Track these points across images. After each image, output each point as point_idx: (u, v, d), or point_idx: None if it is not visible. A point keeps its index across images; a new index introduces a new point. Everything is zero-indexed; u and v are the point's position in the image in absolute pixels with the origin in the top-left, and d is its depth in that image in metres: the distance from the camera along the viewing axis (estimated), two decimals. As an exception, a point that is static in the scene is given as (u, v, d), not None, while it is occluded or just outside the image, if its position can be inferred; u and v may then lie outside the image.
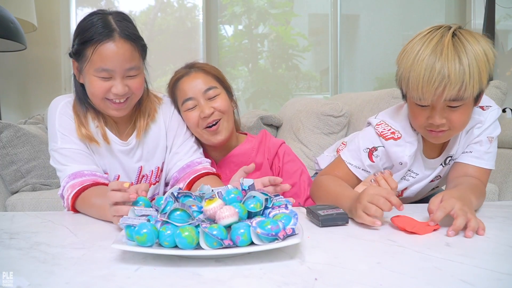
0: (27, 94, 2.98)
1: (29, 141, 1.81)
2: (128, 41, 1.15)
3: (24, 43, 2.40)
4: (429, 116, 1.07)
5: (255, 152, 1.48)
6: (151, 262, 0.71)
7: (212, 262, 0.70)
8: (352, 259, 0.72)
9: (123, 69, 1.14)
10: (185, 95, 1.36)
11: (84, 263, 0.71)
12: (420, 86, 1.01)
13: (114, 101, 1.17)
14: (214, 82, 1.40)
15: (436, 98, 1.02)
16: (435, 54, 1.00)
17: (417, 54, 1.02)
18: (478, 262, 0.70)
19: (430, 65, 0.99)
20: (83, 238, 0.88)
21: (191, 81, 1.37)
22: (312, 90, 3.76)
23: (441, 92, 1.00)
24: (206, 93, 1.36)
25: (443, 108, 1.05)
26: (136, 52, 1.17)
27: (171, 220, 0.73)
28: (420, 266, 0.68)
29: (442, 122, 1.06)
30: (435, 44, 1.01)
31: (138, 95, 1.23)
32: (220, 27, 3.53)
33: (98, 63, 1.13)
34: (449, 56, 0.99)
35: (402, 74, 1.06)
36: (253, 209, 0.78)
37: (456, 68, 0.98)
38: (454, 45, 1.00)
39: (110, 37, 1.12)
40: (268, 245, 0.68)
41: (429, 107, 1.06)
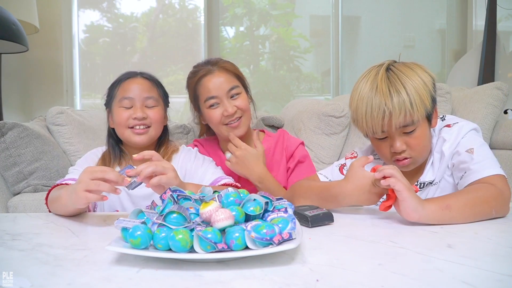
0: (29, 96, 2.98)
1: (32, 142, 1.81)
2: (147, 80, 1.38)
3: (26, 44, 2.41)
4: (390, 146, 1.13)
5: (272, 153, 1.51)
6: (153, 263, 0.71)
7: (214, 264, 0.70)
8: (353, 261, 0.72)
9: (142, 97, 1.34)
10: (208, 93, 1.42)
11: (86, 265, 0.72)
12: (367, 122, 1.10)
13: (136, 128, 1.33)
14: (236, 81, 1.46)
15: (387, 128, 1.09)
16: (372, 90, 1.09)
17: (359, 94, 1.13)
18: (480, 264, 0.70)
19: (370, 101, 1.09)
20: (85, 240, 0.89)
21: (214, 79, 1.43)
22: (314, 92, 3.76)
23: (388, 122, 1.08)
24: (229, 92, 1.42)
25: (400, 135, 1.11)
26: (155, 88, 1.39)
27: (167, 222, 0.73)
28: (421, 268, 0.68)
29: (403, 148, 1.11)
30: (371, 81, 1.11)
31: (157, 127, 1.36)
32: (222, 28, 3.53)
33: (121, 94, 1.34)
34: (384, 89, 1.08)
35: (352, 115, 1.17)
36: (252, 212, 0.77)
37: (394, 100, 1.06)
38: (389, 79, 1.10)
39: (133, 76, 1.38)
40: (262, 250, 0.67)
41: (388, 138, 1.13)
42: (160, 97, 1.40)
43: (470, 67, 3.14)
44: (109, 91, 1.40)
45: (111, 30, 3.39)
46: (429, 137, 1.16)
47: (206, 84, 1.43)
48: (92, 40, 3.35)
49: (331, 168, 1.34)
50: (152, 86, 1.38)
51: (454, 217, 0.94)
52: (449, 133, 1.16)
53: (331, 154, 2.17)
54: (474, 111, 1.99)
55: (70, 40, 3.11)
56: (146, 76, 1.40)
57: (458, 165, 1.11)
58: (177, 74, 3.43)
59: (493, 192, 0.99)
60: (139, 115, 1.31)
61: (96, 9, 3.32)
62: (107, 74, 3.34)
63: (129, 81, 1.36)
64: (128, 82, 1.36)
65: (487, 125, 1.93)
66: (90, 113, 2.25)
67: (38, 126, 1.97)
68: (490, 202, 0.98)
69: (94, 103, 3.23)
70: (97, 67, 3.36)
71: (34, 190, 1.84)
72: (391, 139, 1.12)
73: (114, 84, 1.39)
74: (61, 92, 3.02)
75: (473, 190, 1.01)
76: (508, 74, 3.02)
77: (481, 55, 3.06)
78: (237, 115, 1.43)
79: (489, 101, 1.96)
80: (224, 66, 1.46)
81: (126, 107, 1.33)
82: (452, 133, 1.15)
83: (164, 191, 0.85)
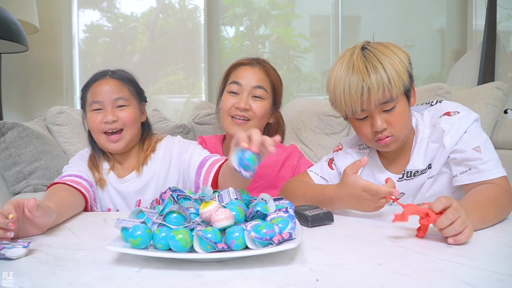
0: (29, 96, 2.98)
1: (31, 142, 1.81)
2: (116, 79, 1.33)
3: (26, 44, 2.40)
4: (371, 125, 1.12)
5: (280, 166, 1.47)
6: (153, 263, 0.71)
7: (214, 264, 0.70)
8: (353, 260, 0.72)
9: (111, 99, 1.30)
10: (237, 77, 1.42)
11: (86, 264, 0.72)
12: (346, 101, 1.09)
13: (109, 133, 1.30)
14: (267, 85, 1.43)
15: (366, 106, 1.08)
16: (349, 69, 1.09)
17: (335, 75, 1.12)
18: (480, 263, 0.70)
19: (348, 80, 1.08)
20: (85, 239, 0.89)
21: (249, 72, 1.42)
22: (314, 91, 3.76)
23: (367, 99, 1.07)
24: (253, 90, 1.40)
25: (380, 113, 1.10)
26: (125, 87, 1.33)
27: (167, 222, 0.73)
28: (421, 267, 0.69)
29: (384, 126, 1.10)
30: (347, 62, 1.10)
31: (130, 127, 1.32)
32: (222, 28, 3.53)
33: (91, 97, 1.31)
34: (361, 67, 1.07)
35: (330, 98, 1.16)
36: (265, 211, 0.78)
37: (372, 76, 1.05)
38: (365, 57, 1.09)
39: (101, 77, 1.34)
40: (262, 250, 0.68)
41: (368, 118, 1.12)
42: (132, 95, 1.35)
43: (470, 67, 3.14)
44: (82, 94, 1.37)
45: (111, 30, 3.38)
46: (408, 114, 1.15)
47: (240, 70, 1.43)
48: (92, 40, 3.35)
49: (320, 163, 1.33)
50: (121, 86, 1.33)
51: (483, 227, 0.92)
52: (449, 123, 1.12)
53: (331, 154, 2.17)
54: (474, 110, 1.98)
55: (70, 40, 3.11)
56: (116, 76, 1.35)
57: (462, 161, 1.09)
58: (177, 74, 3.42)
59: (508, 198, 1.02)
60: (109, 119, 1.28)
61: (96, 8, 3.32)
62: None
63: (97, 84, 1.32)
64: (96, 85, 1.32)
65: (487, 125, 1.93)
66: (90, 113, 2.24)
67: (38, 126, 1.96)
68: (507, 208, 1.01)
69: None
70: (97, 67, 3.25)
71: (34, 190, 1.83)
72: (372, 117, 1.11)
73: (84, 87, 1.36)
74: (61, 92, 3.02)
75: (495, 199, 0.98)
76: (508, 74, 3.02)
77: (481, 55, 3.06)
78: (246, 114, 1.39)
79: (489, 101, 1.96)
80: (266, 68, 1.45)
81: (96, 110, 1.30)
82: (453, 124, 1.12)
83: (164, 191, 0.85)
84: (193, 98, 3.41)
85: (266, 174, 1.44)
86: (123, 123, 1.30)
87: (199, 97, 3.39)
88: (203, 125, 2.25)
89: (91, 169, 1.34)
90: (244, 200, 0.84)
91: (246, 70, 1.42)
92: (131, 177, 1.34)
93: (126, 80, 1.36)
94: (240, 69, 1.43)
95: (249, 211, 0.79)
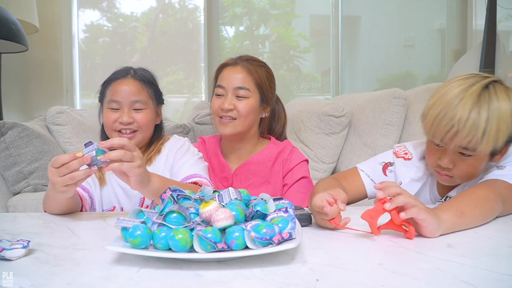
0: (29, 96, 2.98)
1: (31, 142, 1.81)
2: (137, 81, 1.34)
3: (26, 44, 2.40)
4: (439, 157, 1.07)
5: (272, 162, 1.48)
6: (153, 263, 0.71)
7: (214, 264, 0.70)
8: (353, 260, 0.72)
9: (129, 101, 1.31)
10: (221, 81, 1.44)
11: (86, 264, 0.72)
12: (433, 125, 1.03)
13: (122, 132, 1.32)
14: (251, 84, 1.43)
15: (447, 141, 1.02)
16: (456, 99, 1.00)
17: (443, 95, 1.03)
18: (479, 263, 0.70)
19: (447, 108, 1.00)
20: (85, 239, 0.89)
21: (231, 73, 1.44)
22: (314, 91, 3.75)
23: (452, 136, 1.00)
24: (236, 90, 1.42)
25: (455, 153, 1.04)
26: (144, 90, 1.35)
27: (167, 222, 0.73)
28: (421, 267, 0.69)
29: (449, 166, 1.05)
30: (462, 90, 1.01)
31: (145, 130, 1.34)
32: (221, 28, 3.53)
33: (110, 95, 1.32)
34: (467, 105, 0.98)
35: (424, 109, 1.08)
36: (264, 210, 0.78)
37: (470, 119, 0.97)
38: (480, 96, 0.99)
39: (124, 76, 1.35)
40: (262, 250, 0.67)
41: (442, 148, 1.06)
42: (150, 98, 1.36)
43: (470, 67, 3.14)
44: (102, 88, 1.39)
45: (111, 29, 3.39)
46: (480, 169, 1.08)
47: (223, 72, 1.45)
48: (92, 40, 3.35)
49: (373, 164, 1.26)
50: (141, 88, 1.34)
51: (468, 223, 0.91)
52: None
53: (331, 154, 2.17)
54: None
55: (70, 39, 3.11)
56: (138, 76, 1.36)
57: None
58: (177, 74, 3.42)
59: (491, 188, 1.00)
60: (125, 120, 1.29)
61: (96, 8, 3.32)
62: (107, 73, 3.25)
63: (118, 82, 1.33)
64: (117, 84, 1.33)
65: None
66: (90, 113, 2.25)
67: (38, 125, 1.97)
68: (492, 199, 0.97)
69: (94, 102, 3.21)
70: (97, 67, 3.36)
71: (34, 190, 1.84)
72: (445, 152, 1.06)
73: (105, 83, 1.38)
74: (61, 92, 3.02)
75: (474, 192, 0.98)
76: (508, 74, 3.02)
77: (481, 55, 3.06)
78: (232, 114, 1.41)
79: (489, 100, 1.96)
80: (249, 67, 1.45)
81: (113, 108, 1.32)
82: None
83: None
84: (193, 98, 3.41)
85: (259, 170, 1.46)
86: (138, 125, 1.32)
87: (199, 97, 3.39)
88: (203, 125, 2.25)
89: None
90: (244, 200, 0.84)
91: (229, 72, 1.44)
92: None
93: (147, 82, 1.37)
94: (224, 71, 1.46)
95: (249, 211, 0.79)
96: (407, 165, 1.22)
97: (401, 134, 2.12)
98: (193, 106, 2.77)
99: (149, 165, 1.35)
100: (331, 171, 2.23)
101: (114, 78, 1.36)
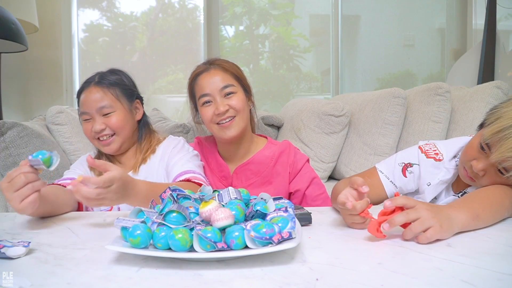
0: (29, 95, 2.98)
1: (31, 142, 1.81)
2: (99, 87, 1.35)
3: (26, 44, 2.40)
4: (476, 159, 1.03)
5: (274, 162, 1.47)
6: (152, 263, 0.71)
7: (214, 263, 0.70)
8: (353, 260, 0.72)
9: (95, 109, 1.33)
10: (202, 90, 1.40)
11: (86, 264, 0.72)
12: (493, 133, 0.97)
13: (101, 139, 1.34)
14: (232, 80, 1.42)
15: (492, 143, 0.97)
16: None
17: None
18: (479, 263, 0.70)
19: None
20: (85, 239, 0.89)
21: (209, 77, 1.40)
22: (313, 91, 3.75)
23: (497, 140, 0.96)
24: (222, 91, 1.39)
25: (493, 166, 1.00)
26: (108, 94, 1.35)
27: (167, 221, 0.73)
28: (421, 267, 0.69)
29: (480, 174, 1.03)
30: None
31: (121, 131, 1.35)
32: (221, 28, 3.53)
33: (80, 108, 1.36)
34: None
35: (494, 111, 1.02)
36: (264, 210, 0.78)
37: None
38: None
39: (87, 86, 1.36)
40: (262, 249, 0.67)
41: (485, 154, 1.01)
42: (116, 99, 1.35)
43: (469, 66, 3.14)
44: (77, 101, 1.41)
45: (111, 29, 3.39)
46: None
47: (200, 82, 1.41)
48: (92, 40, 3.35)
49: (393, 164, 1.23)
50: (104, 93, 1.34)
51: (478, 225, 0.90)
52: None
53: (331, 153, 2.17)
54: (473, 109, 1.99)
55: (69, 39, 3.11)
56: (100, 83, 1.36)
57: None
58: (177, 74, 3.43)
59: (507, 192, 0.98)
60: (96, 128, 1.32)
61: (96, 8, 3.32)
62: None
63: (84, 93, 1.35)
64: (83, 95, 1.35)
65: (487, 124, 1.93)
66: (90, 113, 2.24)
67: (38, 125, 1.96)
68: (506, 204, 0.97)
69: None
70: (96, 66, 3.28)
71: (34, 190, 1.83)
72: (483, 158, 1.02)
73: (77, 96, 1.40)
74: (61, 92, 3.02)
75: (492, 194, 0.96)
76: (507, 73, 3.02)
77: (480, 54, 3.06)
78: (229, 114, 1.38)
79: (489, 100, 1.96)
80: (221, 64, 1.44)
81: (86, 119, 1.35)
82: None
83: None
84: (193, 98, 3.39)
85: (260, 170, 1.45)
86: (112, 129, 1.34)
87: (198, 96, 3.37)
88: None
89: (93, 170, 1.37)
90: (244, 200, 0.84)
91: (206, 78, 1.41)
92: None
93: (110, 85, 1.36)
94: (200, 79, 1.42)
95: (249, 210, 0.79)
96: (437, 166, 1.18)
97: (401, 134, 2.12)
98: (193, 105, 2.76)
99: (144, 164, 1.36)
100: (331, 171, 2.23)
101: (80, 90, 1.38)
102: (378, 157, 2.08)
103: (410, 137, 2.08)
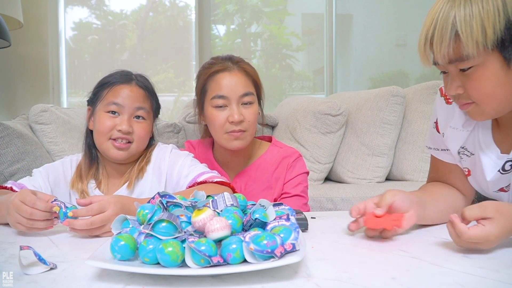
0: (13, 93, 2.89)
1: (12, 142, 1.72)
2: (142, 89, 1.24)
3: (9, 40, 2.31)
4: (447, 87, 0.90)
5: (274, 167, 1.38)
6: (139, 279, 0.63)
7: (208, 280, 0.63)
8: (363, 274, 0.65)
9: (133, 107, 1.21)
10: (219, 90, 1.28)
11: (64, 281, 0.63)
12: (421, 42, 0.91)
13: (117, 142, 1.19)
14: (252, 87, 1.32)
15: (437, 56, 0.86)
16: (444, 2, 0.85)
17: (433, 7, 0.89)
18: (502, 277, 0.64)
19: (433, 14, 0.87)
20: (65, 250, 0.80)
21: (230, 78, 1.28)
22: (306, 90, 3.74)
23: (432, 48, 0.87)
24: (242, 98, 1.28)
25: (456, 74, 0.86)
26: (148, 100, 1.25)
27: (155, 232, 0.64)
28: (439, 282, 0.62)
29: (459, 91, 0.87)
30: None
31: (140, 143, 1.23)
32: (213, 26, 3.48)
33: (110, 98, 1.20)
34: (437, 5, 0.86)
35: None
36: (264, 218, 0.70)
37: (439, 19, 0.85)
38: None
39: (128, 82, 1.23)
40: (263, 265, 0.60)
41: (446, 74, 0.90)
42: (151, 110, 1.27)
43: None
44: (96, 90, 1.26)
45: (100, 27, 3.35)
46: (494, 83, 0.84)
47: (219, 80, 1.28)
48: (81, 38, 3.31)
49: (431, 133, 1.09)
50: (146, 97, 1.25)
51: None
52: None
53: (327, 154, 2.11)
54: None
55: (56, 36, 3.03)
56: (141, 85, 1.25)
57: None
58: (167, 72, 3.40)
59: None
60: (124, 128, 1.18)
61: (85, 6, 3.27)
62: (96, 72, 3.32)
63: (122, 87, 1.22)
64: (121, 87, 1.22)
65: (487, 124, 1.89)
66: (76, 111, 2.16)
67: (20, 124, 1.88)
68: None
69: (81, 101, 3.16)
70: (85, 65, 3.32)
71: (16, 193, 1.75)
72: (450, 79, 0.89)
73: (104, 85, 1.24)
74: (47, 90, 2.94)
75: None
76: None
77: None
78: (241, 127, 1.27)
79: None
80: (245, 68, 1.32)
81: (112, 112, 1.20)
82: None
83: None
84: (183, 97, 3.38)
85: (260, 176, 1.37)
86: (136, 137, 1.21)
87: (189, 95, 3.34)
88: (194, 124, 2.18)
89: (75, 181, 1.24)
90: (240, 206, 0.77)
91: (226, 78, 1.28)
92: (121, 191, 1.23)
93: (150, 94, 1.27)
94: (218, 77, 1.29)
95: (247, 218, 0.71)
96: (448, 111, 1.04)
97: (399, 133, 2.07)
98: (183, 104, 2.71)
99: (141, 178, 1.24)
100: (327, 172, 2.17)
101: (115, 81, 1.23)
102: (376, 158, 2.03)
103: (409, 137, 2.04)
